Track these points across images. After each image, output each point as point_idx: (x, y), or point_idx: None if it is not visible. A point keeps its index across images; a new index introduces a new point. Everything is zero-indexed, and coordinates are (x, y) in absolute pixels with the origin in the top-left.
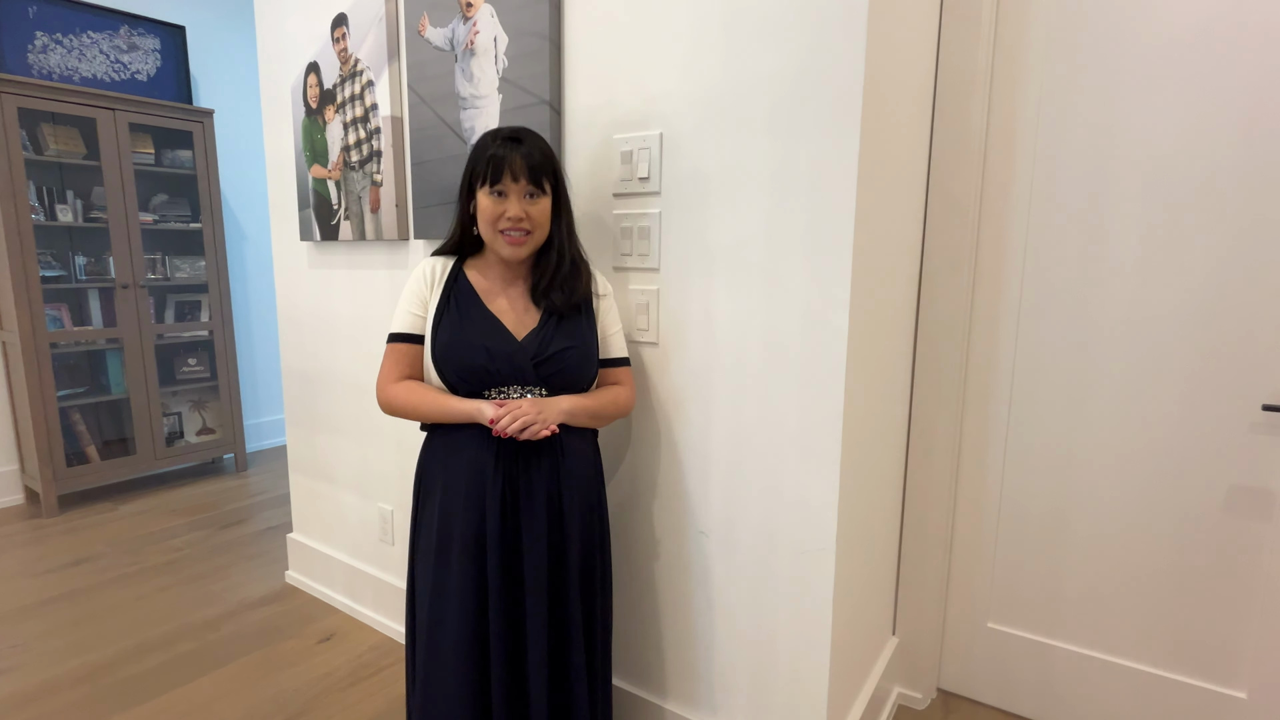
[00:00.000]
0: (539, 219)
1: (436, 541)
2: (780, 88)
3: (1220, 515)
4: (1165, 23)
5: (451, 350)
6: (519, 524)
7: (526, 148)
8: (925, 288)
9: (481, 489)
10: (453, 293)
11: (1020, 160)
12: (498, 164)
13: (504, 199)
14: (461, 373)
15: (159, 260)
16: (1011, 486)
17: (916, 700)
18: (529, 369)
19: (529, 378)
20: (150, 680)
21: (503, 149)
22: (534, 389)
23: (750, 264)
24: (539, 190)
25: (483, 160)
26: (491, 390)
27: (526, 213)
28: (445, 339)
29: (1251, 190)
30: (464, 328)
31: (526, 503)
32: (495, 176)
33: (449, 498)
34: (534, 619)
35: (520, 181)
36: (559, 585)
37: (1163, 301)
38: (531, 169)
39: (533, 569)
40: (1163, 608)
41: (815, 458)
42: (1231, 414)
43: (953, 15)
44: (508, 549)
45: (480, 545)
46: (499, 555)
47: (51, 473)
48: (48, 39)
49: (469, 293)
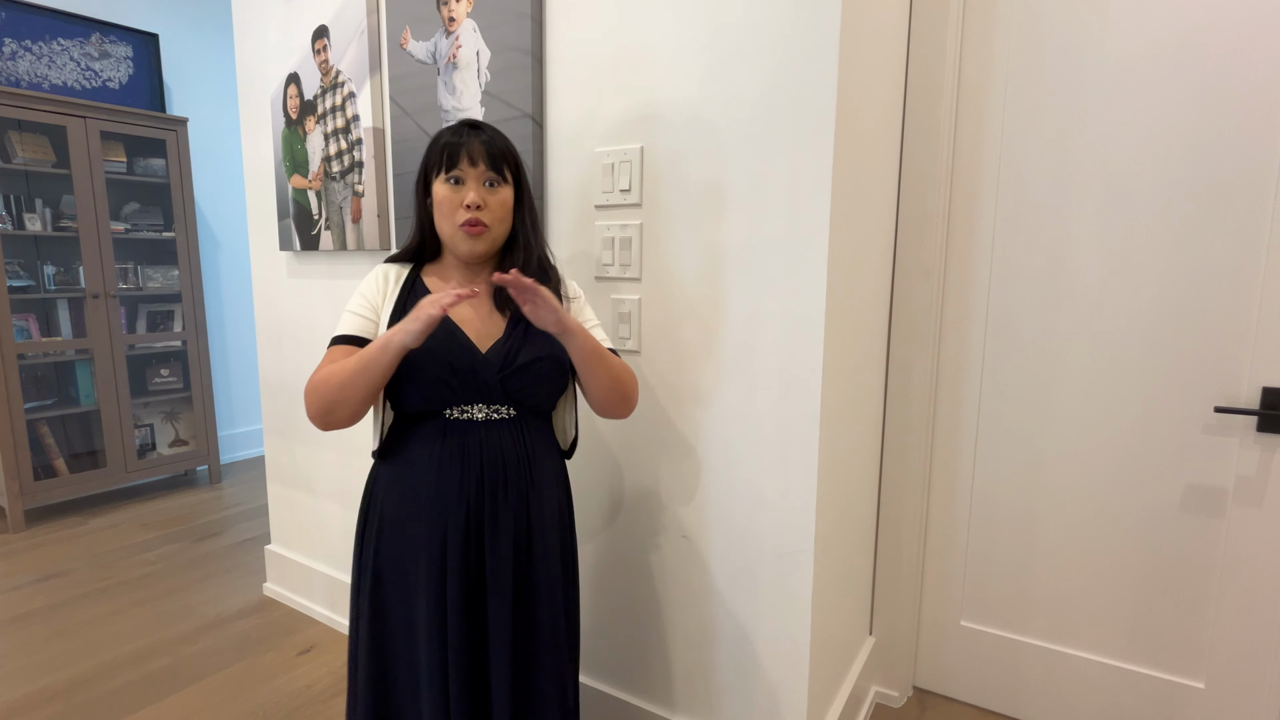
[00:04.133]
0: (499, 210)
1: (394, 580)
2: (757, 103)
3: (1177, 513)
4: (1121, 46)
5: (409, 364)
6: (483, 559)
7: (486, 135)
8: (897, 296)
9: (443, 521)
10: (409, 301)
11: (986, 174)
12: (453, 149)
13: (461, 186)
14: (422, 389)
15: (131, 270)
16: (981, 489)
17: (893, 698)
18: (495, 385)
19: (494, 395)
20: (125, 696)
21: (458, 135)
22: (500, 408)
23: (729, 273)
24: (499, 178)
25: (437, 148)
26: (453, 409)
27: (485, 201)
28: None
29: (1203, 203)
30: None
31: (492, 538)
32: (451, 162)
33: (405, 531)
34: (498, 663)
35: (479, 166)
36: (526, 618)
37: (1121, 309)
38: (491, 155)
39: (498, 605)
40: (1125, 603)
41: (794, 462)
42: (1186, 416)
43: (920, 34)
44: (470, 583)
45: (442, 583)
46: (460, 588)
47: (18, 487)
48: (16, 46)
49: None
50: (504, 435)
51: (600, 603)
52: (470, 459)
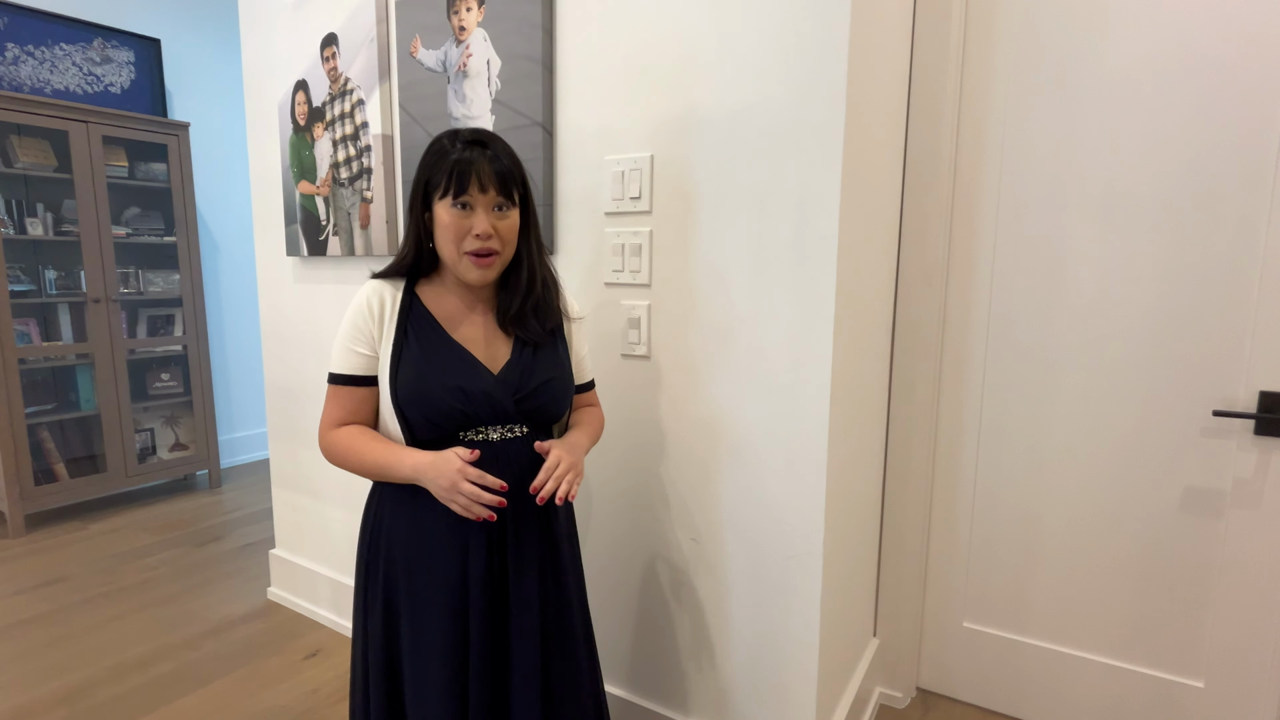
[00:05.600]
0: (508, 236)
1: (408, 604)
2: (767, 113)
3: (1176, 515)
4: (1118, 57)
5: (419, 393)
6: (507, 580)
7: (493, 151)
8: (901, 301)
9: (464, 543)
10: (409, 324)
11: (987, 182)
12: (463, 172)
13: (469, 213)
14: (432, 417)
15: (132, 274)
16: (983, 492)
17: (897, 699)
18: (510, 406)
19: (510, 416)
20: (131, 701)
21: (467, 153)
22: (514, 427)
23: (738, 279)
24: (508, 202)
25: (443, 168)
26: (467, 432)
27: (495, 229)
28: (409, 379)
29: (1199, 209)
30: (430, 365)
31: (516, 557)
32: (460, 187)
33: (420, 554)
34: (523, 681)
35: (489, 192)
36: (557, 633)
37: (1120, 315)
38: (501, 177)
39: (524, 636)
40: (1125, 604)
41: (802, 466)
42: (1185, 420)
43: (923, 46)
44: (494, 607)
45: (463, 606)
46: (483, 611)
47: (19, 491)
48: (19, 50)
49: (428, 322)
50: (521, 452)
51: (611, 606)
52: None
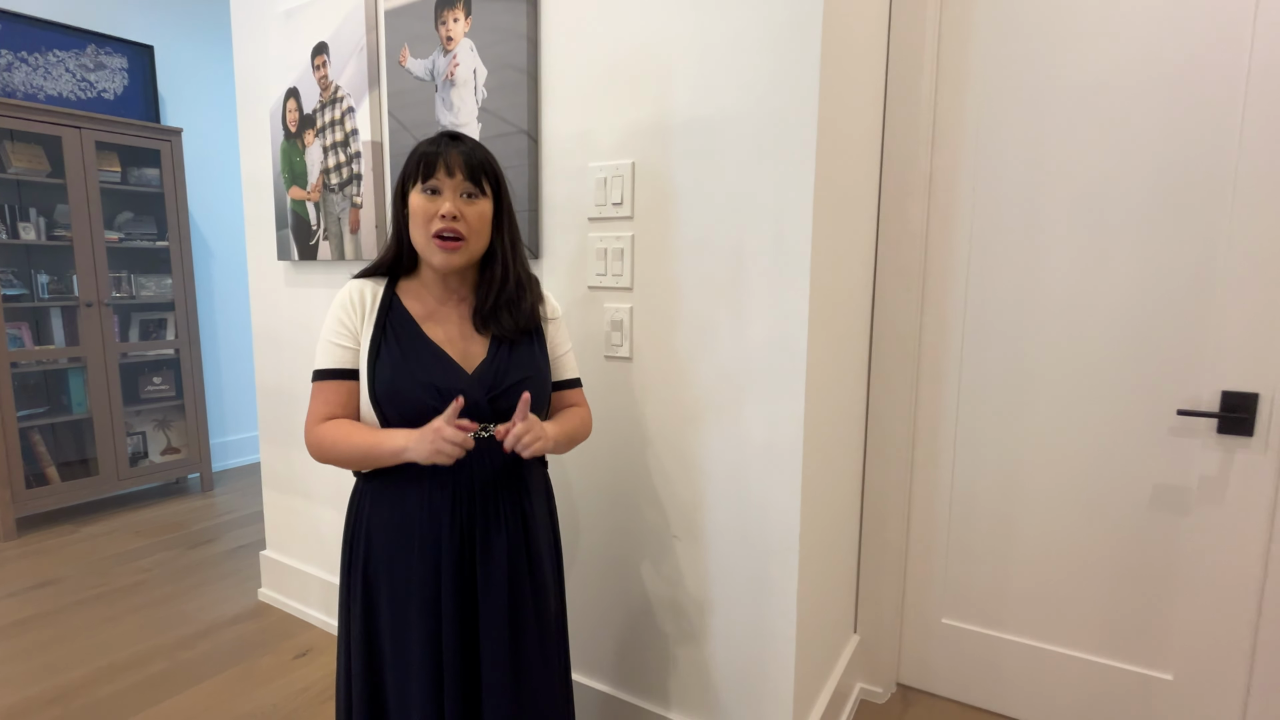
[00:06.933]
0: (476, 223)
1: (386, 597)
2: (743, 120)
3: (1146, 512)
4: (1088, 65)
5: (394, 390)
6: (476, 577)
7: (466, 145)
8: (878, 305)
9: (437, 540)
10: (388, 321)
11: (962, 188)
12: (430, 159)
13: (437, 198)
14: (407, 414)
15: (124, 278)
16: (960, 489)
17: (877, 695)
18: (484, 405)
19: (483, 414)
20: (124, 700)
21: (436, 145)
22: (488, 426)
23: (718, 283)
24: (478, 190)
25: (414, 158)
26: None
27: (461, 212)
28: (386, 376)
29: (1166, 215)
30: (406, 362)
31: (484, 554)
32: (428, 171)
33: (397, 550)
34: (493, 676)
35: (456, 176)
36: (524, 627)
37: (1091, 317)
38: (470, 165)
39: (493, 624)
40: (1098, 599)
41: (779, 464)
42: (1153, 419)
43: (898, 57)
44: (465, 599)
45: (437, 599)
46: (454, 604)
47: (10, 494)
48: (12, 57)
49: (405, 320)
50: (495, 451)
51: (594, 603)
52: (462, 478)
